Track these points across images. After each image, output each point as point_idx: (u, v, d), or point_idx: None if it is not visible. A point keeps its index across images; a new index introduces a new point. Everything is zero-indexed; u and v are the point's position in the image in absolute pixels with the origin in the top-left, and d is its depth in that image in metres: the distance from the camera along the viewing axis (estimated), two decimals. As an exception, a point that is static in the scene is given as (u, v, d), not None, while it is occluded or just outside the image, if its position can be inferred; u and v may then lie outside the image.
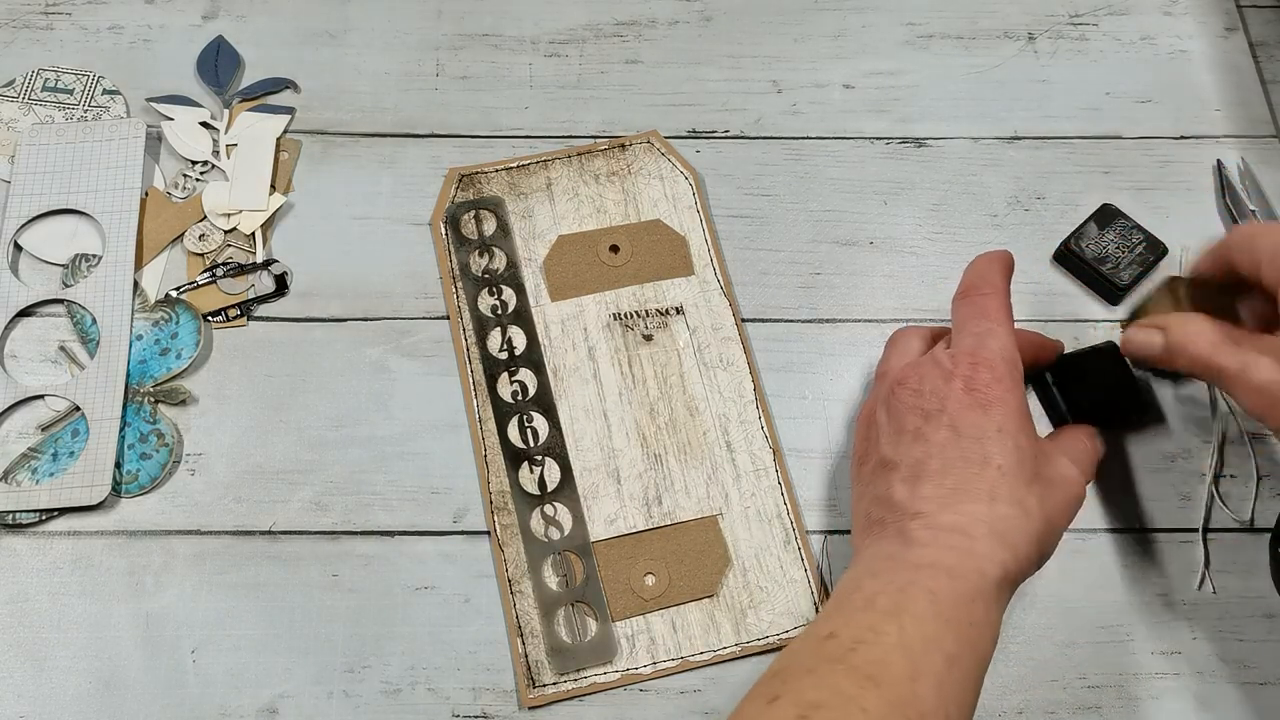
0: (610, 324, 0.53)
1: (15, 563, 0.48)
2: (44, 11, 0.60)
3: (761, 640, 0.47)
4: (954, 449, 0.42)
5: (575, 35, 0.61)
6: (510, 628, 0.47)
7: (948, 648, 0.38)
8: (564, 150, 0.57)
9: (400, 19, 0.61)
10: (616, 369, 0.52)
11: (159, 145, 0.57)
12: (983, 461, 0.42)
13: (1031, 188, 0.58)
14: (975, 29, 0.62)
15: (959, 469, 0.42)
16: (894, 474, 0.43)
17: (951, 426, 0.43)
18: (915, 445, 0.43)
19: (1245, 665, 0.48)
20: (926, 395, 0.44)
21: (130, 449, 0.50)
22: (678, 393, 0.52)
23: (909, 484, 0.42)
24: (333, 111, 0.58)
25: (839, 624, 0.39)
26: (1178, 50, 0.62)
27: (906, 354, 0.48)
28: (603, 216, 0.55)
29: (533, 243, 0.55)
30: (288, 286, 0.54)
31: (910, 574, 0.40)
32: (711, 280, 0.54)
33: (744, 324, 0.53)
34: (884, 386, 0.46)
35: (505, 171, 0.56)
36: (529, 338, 0.52)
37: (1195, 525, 0.50)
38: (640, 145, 0.57)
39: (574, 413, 0.51)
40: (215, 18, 0.61)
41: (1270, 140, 0.59)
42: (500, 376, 0.52)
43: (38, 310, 0.53)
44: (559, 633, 0.47)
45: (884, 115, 0.59)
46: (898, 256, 0.56)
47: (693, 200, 0.56)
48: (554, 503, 0.49)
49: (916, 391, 0.44)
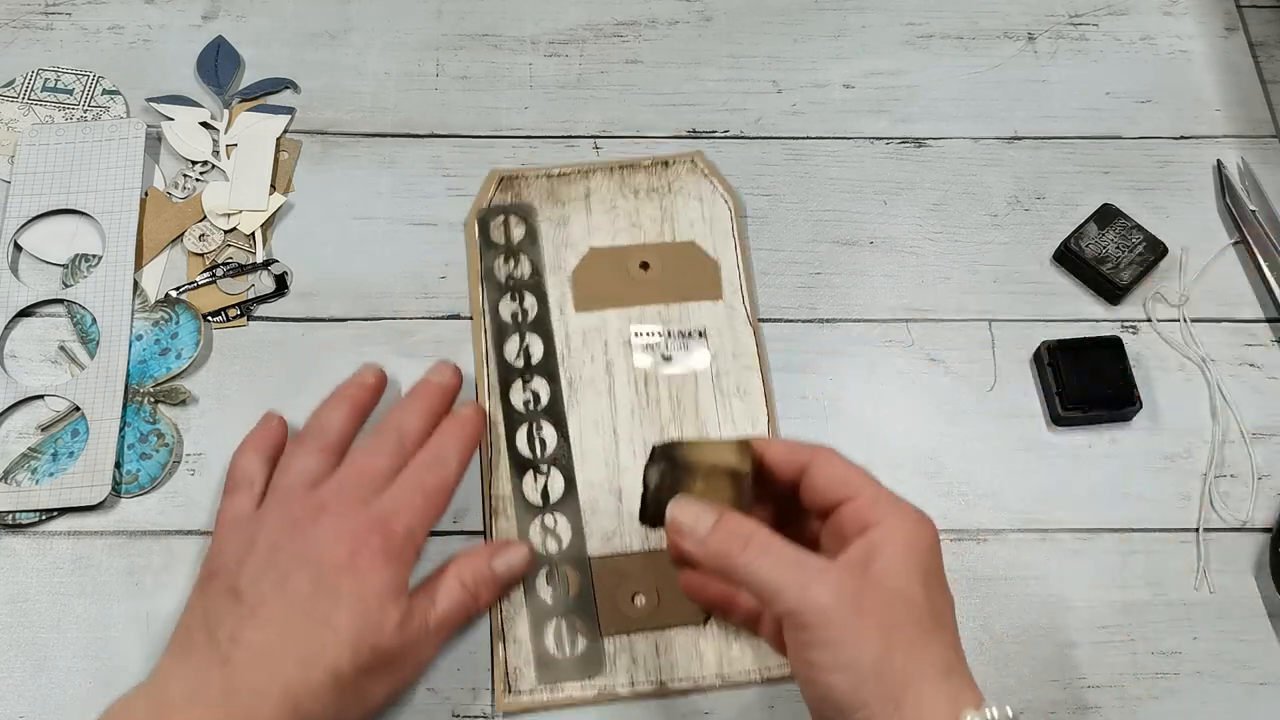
0: (631, 340, 0.52)
1: (15, 563, 0.48)
2: (44, 11, 0.60)
3: (744, 674, 0.46)
4: (304, 602, 0.41)
5: (575, 35, 0.61)
6: (494, 631, 0.47)
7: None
8: (606, 162, 0.56)
9: (400, 19, 0.61)
10: (632, 386, 0.51)
11: (159, 145, 0.57)
12: (323, 622, 0.41)
13: (1031, 188, 0.58)
14: (975, 29, 0.62)
15: (297, 623, 0.41)
16: (235, 604, 0.42)
17: (317, 580, 0.42)
18: (270, 584, 0.42)
19: (1245, 665, 0.48)
20: (312, 544, 0.43)
21: (130, 449, 0.50)
22: (690, 416, 0.51)
23: (243, 622, 0.41)
24: (333, 111, 0.58)
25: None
26: (1178, 50, 0.62)
27: (308, 470, 0.46)
28: (637, 232, 0.55)
29: (564, 251, 0.54)
30: (288, 286, 0.54)
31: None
32: (739, 308, 0.53)
33: (767, 355, 0.53)
34: (289, 505, 0.44)
35: (546, 178, 0.56)
36: (546, 347, 0.52)
37: (1194, 525, 0.50)
38: (683, 164, 0.56)
39: (584, 425, 0.51)
40: (215, 18, 0.61)
41: (1270, 140, 0.59)
42: (514, 383, 0.51)
43: (38, 310, 0.53)
44: (547, 644, 0.46)
45: (884, 115, 0.59)
46: (898, 256, 0.56)
47: (730, 225, 0.55)
48: (555, 514, 0.49)
49: (305, 533, 0.43)
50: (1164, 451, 0.52)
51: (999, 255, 0.56)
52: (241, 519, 0.45)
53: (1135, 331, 0.54)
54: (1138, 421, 0.52)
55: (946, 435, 0.52)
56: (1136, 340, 0.54)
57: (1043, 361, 0.52)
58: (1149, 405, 0.52)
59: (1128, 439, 0.52)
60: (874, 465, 0.52)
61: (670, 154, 0.57)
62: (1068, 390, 0.51)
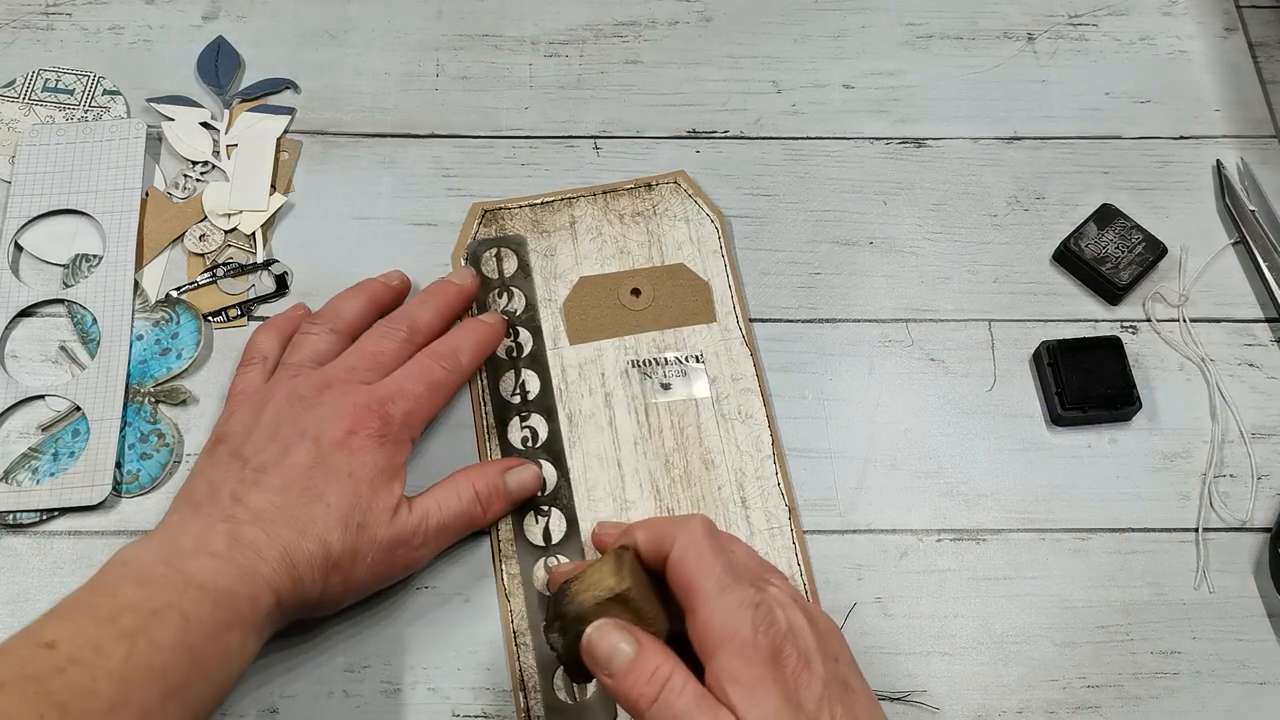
0: (628, 370, 0.52)
1: (15, 563, 0.48)
2: (44, 12, 0.60)
3: None
4: (302, 475, 0.43)
5: (575, 35, 0.61)
6: (514, 680, 0.46)
7: (174, 679, 0.37)
8: (589, 188, 0.56)
9: (400, 19, 0.61)
10: (633, 417, 0.51)
11: (159, 145, 0.57)
12: (318, 496, 0.43)
13: (1031, 188, 0.58)
14: (975, 29, 0.62)
15: (295, 494, 0.43)
16: (240, 468, 0.44)
17: (316, 455, 0.44)
18: (273, 454, 0.44)
19: (1245, 665, 0.48)
20: (314, 419, 0.44)
21: (130, 449, 0.50)
22: (694, 444, 0.50)
23: (246, 485, 0.43)
24: (333, 111, 0.58)
25: (68, 632, 0.37)
26: (1177, 50, 0.62)
27: (318, 350, 0.48)
28: (626, 258, 0.54)
29: (554, 282, 0.53)
30: (288, 287, 0.54)
31: (174, 594, 0.39)
32: (734, 328, 0.53)
33: (765, 374, 0.52)
34: (296, 380, 0.46)
35: (530, 208, 0.55)
36: (543, 382, 0.51)
37: (1194, 525, 0.50)
38: (667, 185, 0.56)
39: (588, 460, 0.50)
40: (215, 18, 0.61)
41: (1270, 140, 0.59)
42: (511, 421, 0.51)
43: (38, 310, 0.53)
44: (556, 692, 0.45)
45: (884, 115, 0.59)
46: (898, 256, 0.56)
47: (718, 244, 0.55)
48: (558, 555, 0.48)
49: (308, 408, 0.45)
50: (1164, 451, 0.52)
51: (999, 255, 0.56)
52: (251, 390, 0.47)
53: (1135, 331, 0.54)
54: (1137, 421, 0.52)
55: (946, 435, 0.52)
56: (1136, 340, 0.54)
57: (1042, 361, 0.52)
58: (1149, 405, 0.52)
59: (1127, 439, 0.52)
60: (874, 465, 0.52)
61: (652, 176, 0.56)
62: (1067, 390, 0.51)
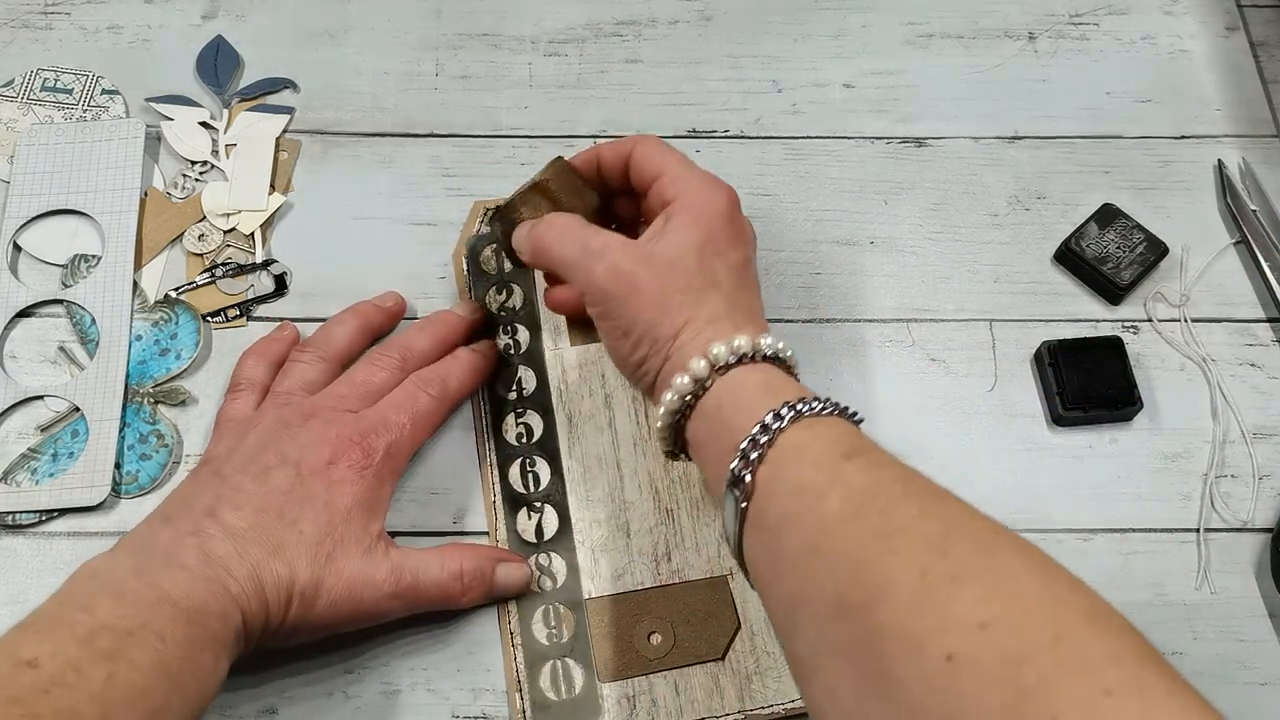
0: None
1: (15, 563, 0.48)
2: (43, 11, 0.60)
3: (766, 709, 0.45)
4: (279, 499, 0.43)
5: (575, 35, 0.61)
6: (510, 680, 0.46)
7: (155, 701, 0.37)
8: None
9: (400, 19, 0.61)
10: (632, 418, 0.51)
11: (158, 145, 0.57)
12: (291, 522, 0.43)
13: (1032, 187, 0.58)
14: (975, 29, 0.62)
15: (269, 517, 0.43)
16: (218, 485, 0.44)
17: (294, 481, 0.44)
18: (252, 476, 0.44)
19: (1245, 665, 0.47)
20: (296, 446, 0.44)
21: (130, 449, 0.50)
22: None
23: (221, 502, 0.43)
24: (332, 111, 0.58)
25: (48, 650, 0.36)
26: (1178, 50, 0.62)
27: (307, 378, 0.48)
28: None
29: None
30: (287, 287, 0.54)
31: (148, 612, 0.38)
32: None
33: None
34: (285, 409, 0.46)
35: None
36: (539, 379, 0.51)
37: (1195, 525, 0.50)
38: None
39: (587, 461, 0.50)
40: (215, 17, 0.61)
41: (1271, 140, 0.59)
42: (507, 418, 0.51)
43: (37, 310, 0.53)
44: (543, 688, 0.45)
45: (884, 115, 0.59)
46: (898, 256, 0.56)
47: None
48: (550, 552, 0.48)
49: (292, 435, 0.45)
50: (1164, 451, 0.52)
51: (999, 255, 0.56)
52: (238, 418, 0.48)
53: (1136, 331, 0.54)
54: (1138, 421, 0.52)
55: (947, 435, 0.52)
56: (1137, 340, 0.54)
57: (1043, 361, 0.52)
58: (1149, 405, 0.52)
59: (1128, 439, 0.52)
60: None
61: None
62: (1068, 390, 0.51)
